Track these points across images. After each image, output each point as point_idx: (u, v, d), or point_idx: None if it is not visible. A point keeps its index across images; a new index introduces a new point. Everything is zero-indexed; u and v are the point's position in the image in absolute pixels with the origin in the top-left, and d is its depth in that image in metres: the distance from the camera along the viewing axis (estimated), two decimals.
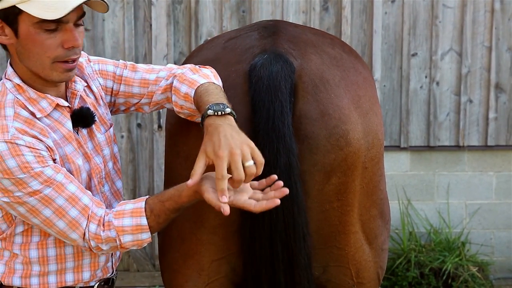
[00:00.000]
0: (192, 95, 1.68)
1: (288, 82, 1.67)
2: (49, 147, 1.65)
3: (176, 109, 1.77)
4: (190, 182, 1.51)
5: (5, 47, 1.70)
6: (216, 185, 1.48)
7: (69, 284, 1.77)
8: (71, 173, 1.69)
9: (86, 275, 1.79)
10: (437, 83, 4.11)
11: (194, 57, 1.94)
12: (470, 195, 4.20)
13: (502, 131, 4.15)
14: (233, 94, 1.70)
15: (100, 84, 1.86)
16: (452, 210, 4.20)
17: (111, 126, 1.86)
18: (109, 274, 1.86)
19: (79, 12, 1.63)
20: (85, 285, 1.80)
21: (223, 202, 1.47)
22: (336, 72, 1.76)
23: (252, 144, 1.50)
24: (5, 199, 1.62)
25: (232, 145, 1.46)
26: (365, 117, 1.75)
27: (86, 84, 1.82)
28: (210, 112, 1.54)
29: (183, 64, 1.90)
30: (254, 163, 1.48)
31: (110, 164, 1.85)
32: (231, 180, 1.49)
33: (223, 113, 1.53)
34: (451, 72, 4.11)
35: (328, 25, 4.03)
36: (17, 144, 1.58)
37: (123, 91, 1.88)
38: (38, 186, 1.60)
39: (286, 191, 1.54)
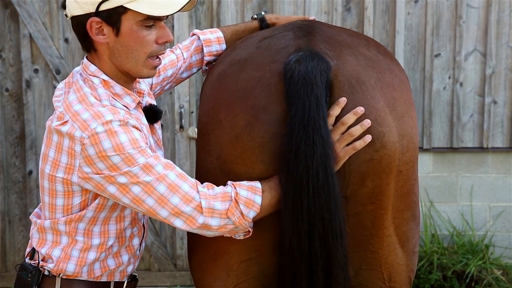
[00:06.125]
0: (222, 35, 2.14)
1: (324, 77, 1.66)
2: (145, 134, 1.77)
3: (208, 58, 2.13)
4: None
5: (87, 47, 1.77)
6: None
7: (111, 268, 1.84)
8: None
9: (125, 258, 1.87)
10: (461, 84, 4.07)
11: (227, 56, 1.94)
12: (494, 197, 4.16)
13: None
14: (267, 93, 1.71)
15: (148, 82, 2.05)
16: (476, 213, 4.15)
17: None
18: (137, 264, 1.94)
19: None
20: (120, 280, 1.88)
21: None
22: (372, 74, 1.75)
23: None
24: (116, 175, 1.64)
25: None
26: (400, 120, 1.74)
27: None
28: (260, 16, 2.19)
29: (215, 63, 2.00)
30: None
31: None
32: None
33: (263, 13, 2.21)
34: (475, 73, 4.07)
35: (350, 26, 4.01)
36: (128, 123, 1.67)
37: (160, 80, 2.10)
38: (144, 161, 1.65)
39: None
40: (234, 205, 1.67)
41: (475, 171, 4.14)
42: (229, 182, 1.71)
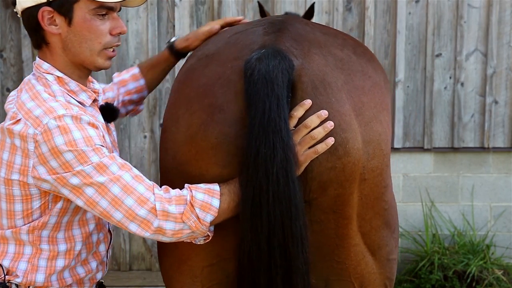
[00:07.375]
0: (138, 71, 2.15)
1: (286, 76, 1.56)
2: (102, 132, 1.72)
3: (127, 97, 2.14)
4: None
5: (39, 42, 1.73)
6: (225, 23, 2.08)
7: (81, 275, 1.80)
8: None
9: (93, 265, 1.83)
10: (462, 84, 4.07)
11: (199, 50, 1.87)
12: (495, 197, 4.15)
13: None
14: (225, 91, 1.62)
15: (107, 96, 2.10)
16: (477, 213, 4.15)
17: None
18: (105, 271, 1.90)
19: (123, 3, 1.79)
20: (89, 287, 1.84)
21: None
22: (339, 76, 1.64)
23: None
24: (67, 175, 1.59)
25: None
26: (367, 126, 1.63)
27: (102, 87, 2.04)
28: (169, 44, 2.14)
29: (188, 58, 1.95)
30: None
31: None
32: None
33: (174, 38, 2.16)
34: (476, 73, 4.06)
35: (351, 26, 4.01)
36: (81, 119, 1.63)
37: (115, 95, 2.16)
38: (98, 160, 1.60)
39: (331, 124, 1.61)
40: (189, 209, 1.58)
41: (476, 171, 4.14)
42: (186, 185, 1.63)
